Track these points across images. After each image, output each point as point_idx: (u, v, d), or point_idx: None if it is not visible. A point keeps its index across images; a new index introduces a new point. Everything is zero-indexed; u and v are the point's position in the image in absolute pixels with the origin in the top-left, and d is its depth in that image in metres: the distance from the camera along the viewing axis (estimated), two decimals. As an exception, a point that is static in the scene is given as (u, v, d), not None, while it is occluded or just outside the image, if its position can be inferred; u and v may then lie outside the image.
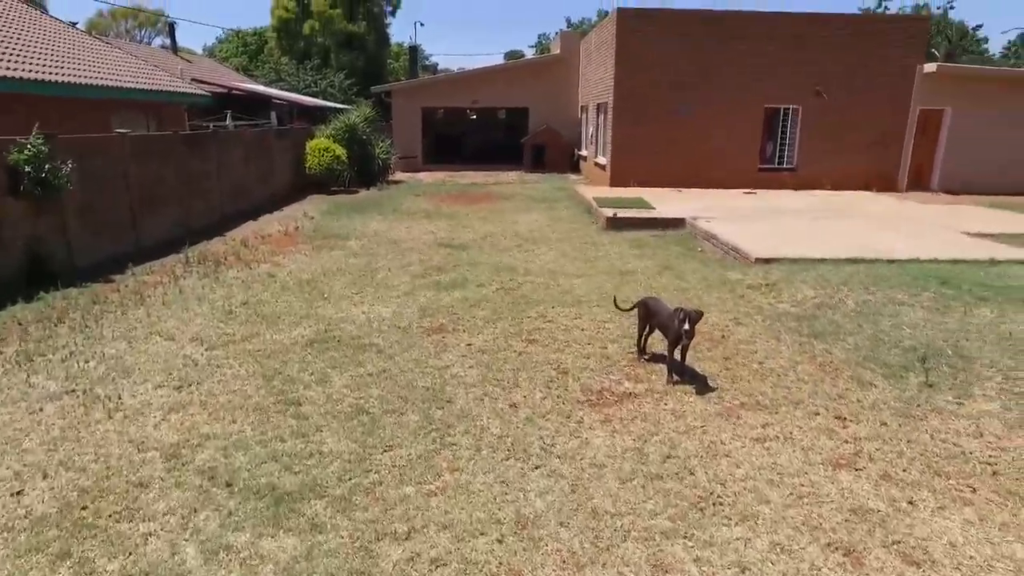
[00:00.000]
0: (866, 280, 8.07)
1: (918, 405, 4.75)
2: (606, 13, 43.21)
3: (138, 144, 10.24)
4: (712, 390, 4.97)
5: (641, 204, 14.22)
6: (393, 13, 40.39)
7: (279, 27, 37.36)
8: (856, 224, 12.37)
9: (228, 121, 18.04)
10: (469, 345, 5.89)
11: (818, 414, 4.59)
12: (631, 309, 5.83)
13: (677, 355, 5.11)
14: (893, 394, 4.94)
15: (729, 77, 17.42)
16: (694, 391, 4.93)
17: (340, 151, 18.64)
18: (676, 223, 12.48)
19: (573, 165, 24.20)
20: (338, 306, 7.12)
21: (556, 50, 25.42)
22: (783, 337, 6.17)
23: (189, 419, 4.40)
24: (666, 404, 4.72)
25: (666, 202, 14.76)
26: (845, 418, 4.52)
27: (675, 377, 5.10)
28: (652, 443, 4.13)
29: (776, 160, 18.30)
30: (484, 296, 7.57)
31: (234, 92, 22.40)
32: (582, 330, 6.37)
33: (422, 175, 23.53)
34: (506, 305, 7.19)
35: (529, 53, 53.30)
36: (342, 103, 28.95)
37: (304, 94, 29.94)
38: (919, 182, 18.77)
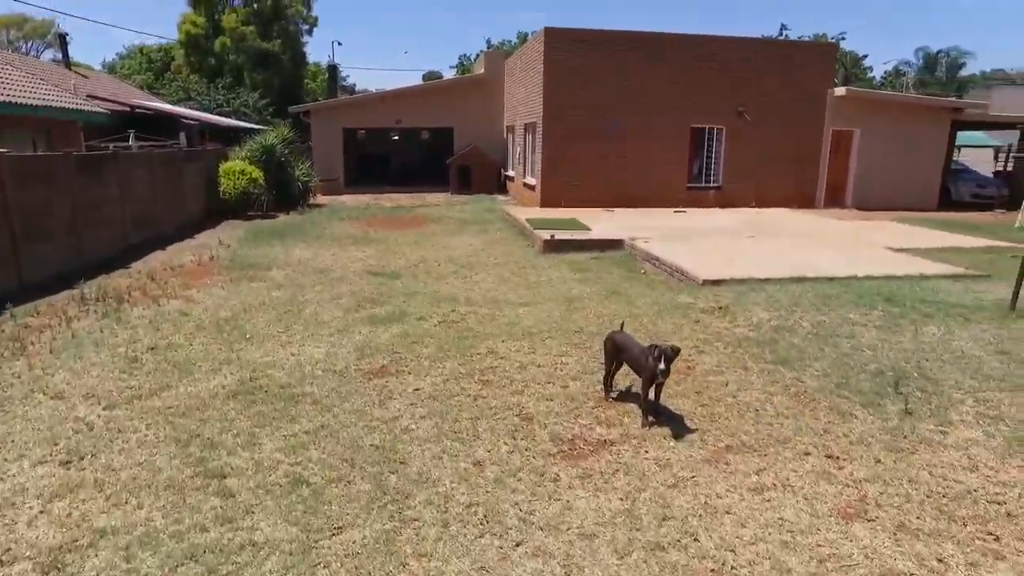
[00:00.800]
0: (815, 300, 7.97)
1: (904, 436, 4.49)
2: (526, 35, 43.50)
3: (18, 165, 9.00)
4: (692, 431, 4.54)
5: (575, 225, 13.95)
6: (310, 32, 39.29)
7: (187, 43, 35.48)
8: (787, 242, 12.51)
9: (131, 142, 16.63)
10: (417, 390, 5.25)
11: (808, 453, 4.24)
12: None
13: (651, 394, 4.67)
14: (876, 425, 4.67)
15: (656, 98, 17.55)
16: (674, 434, 4.49)
17: (257, 174, 17.54)
18: (614, 244, 12.24)
19: (500, 186, 23.87)
20: (263, 347, 6.31)
21: (480, 70, 25.16)
22: (750, 366, 5.86)
23: (79, 508, 3.54)
24: (647, 452, 4.25)
25: (600, 222, 14.56)
26: (837, 457, 4.19)
27: (651, 418, 4.65)
28: (642, 502, 3.64)
29: (703, 179, 18.55)
30: (426, 331, 6.93)
31: (138, 111, 20.83)
32: (539, 366, 5.85)
33: (345, 198, 22.58)
34: (451, 340, 6.59)
35: (450, 74, 53.05)
36: (257, 123, 27.61)
37: (216, 114, 28.38)
38: (834, 199, 19.50)
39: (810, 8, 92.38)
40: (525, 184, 19.83)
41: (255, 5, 35.64)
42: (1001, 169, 22.73)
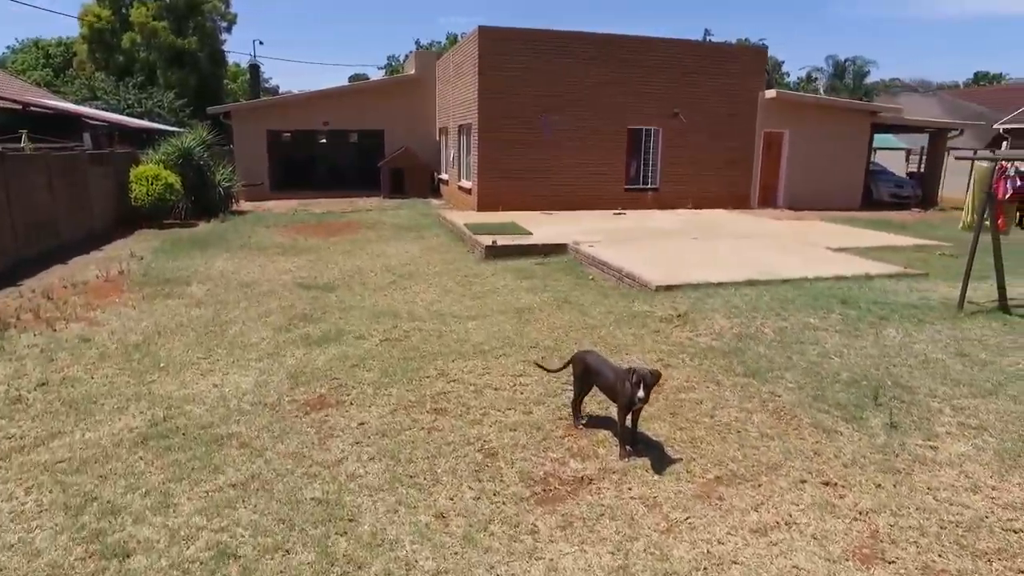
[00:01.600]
0: (773, 305, 7.76)
1: (896, 455, 4.20)
2: (456, 37, 43.02)
3: None
4: (675, 460, 4.11)
5: (516, 229, 13.48)
6: (228, 29, 37.33)
7: (91, 38, 33.03)
8: (731, 243, 12.42)
9: (23, 143, 15.05)
10: (362, 424, 4.61)
11: (804, 481, 3.87)
12: (563, 368, 4.87)
13: (628, 421, 4.21)
14: (864, 442, 4.36)
15: (593, 98, 17.33)
16: (656, 465, 4.04)
17: (173, 179, 16.26)
18: (558, 248, 11.83)
19: (434, 189, 23.20)
20: (180, 378, 5.51)
21: (411, 71, 24.41)
22: (721, 380, 5.51)
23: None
24: (631, 488, 3.78)
25: (540, 226, 14.15)
26: (836, 484, 3.83)
27: (628, 448, 4.19)
28: (638, 556, 3.15)
29: (641, 180, 18.46)
30: (367, 351, 6.27)
31: (32, 109, 19.01)
32: (496, 389, 5.30)
33: (271, 204, 21.39)
34: (396, 362, 5.95)
35: (378, 76, 51.75)
36: (174, 126, 25.89)
37: (127, 115, 26.46)
38: (766, 199, 19.83)
39: (724, 15, 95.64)
40: (460, 187, 19.25)
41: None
42: (914, 170, 23.77)
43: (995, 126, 26.38)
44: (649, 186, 18.50)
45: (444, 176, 22.53)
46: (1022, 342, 6.61)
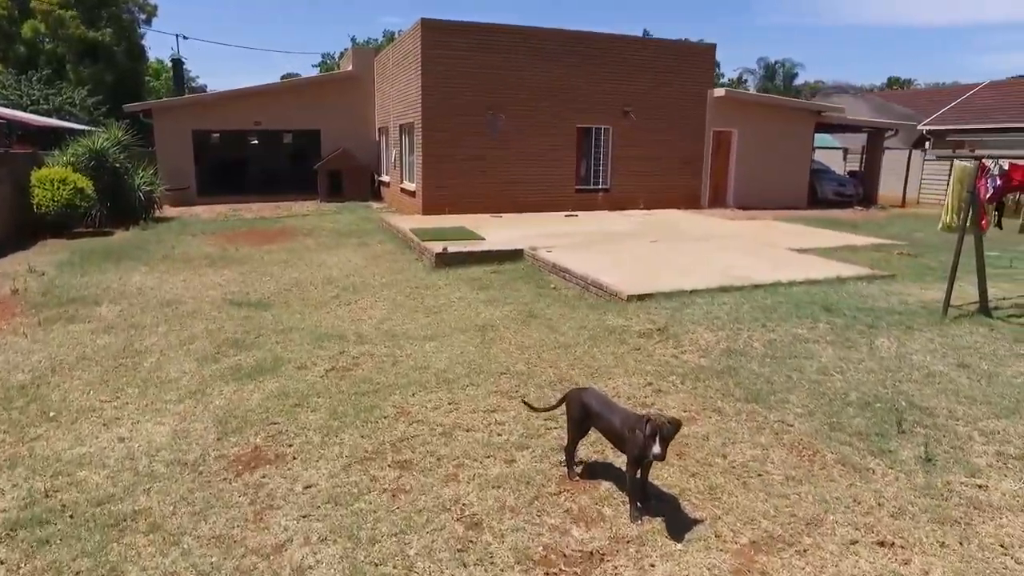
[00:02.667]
0: (754, 314, 7.21)
1: (945, 498, 3.62)
2: (393, 35, 41.75)
3: None
4: (698, 521, 3.40)
5: (466, 234, 12.66)
6: (148, 22, 34.89)
7: (-15, 26, 30.27)
8: (693, 246, 11.95)
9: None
10: (309, 488, 3.71)
11: (856, 542, 3.22)
12: (556, 407, 4.10)
13: (638, 473, 3.48)
14: (903, 483, 3.77)
15: (541, 96, 16.66)
16: (676, 529, 3.32)
17: (84, 183, 14.69)
18: (513, 255, 11.07)
19: (374, 192, 22.09)
20: (75, 431, 4.47)
21: (347, 67, 23.22)
22: (722, 407, 4.86)
23: None
24: (653, 565, 3.04)
25: (491, 230, 13.36)
26: (893, 543, 3.20)
27: (639, 506, 3.46)
28: (685, 676, 2.41)
29: (591, 181, 17.92)
30: (311, 386, 5.35)
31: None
32: (467, 431, 4.49)
33: (199, 209, 19.85)
34: (346, 398, 5.06)
35: (313, 74, 49.77)
36: (87, 125, 23.84)
37: (31, 112, 24.22)
38: (717, 199, 19.63)
39: (658, 16, 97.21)
40: (403, 190, 18.27)
41: (76, -13, 31.09)
42: (855, 169, 24.16)
43: (919, 127, 27.21)
44: (600, 187, 17.97)
45: (385, 178, 21.46)
46: (1017, 350, 6.25)
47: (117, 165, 16.37)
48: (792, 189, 20.44)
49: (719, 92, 18.65)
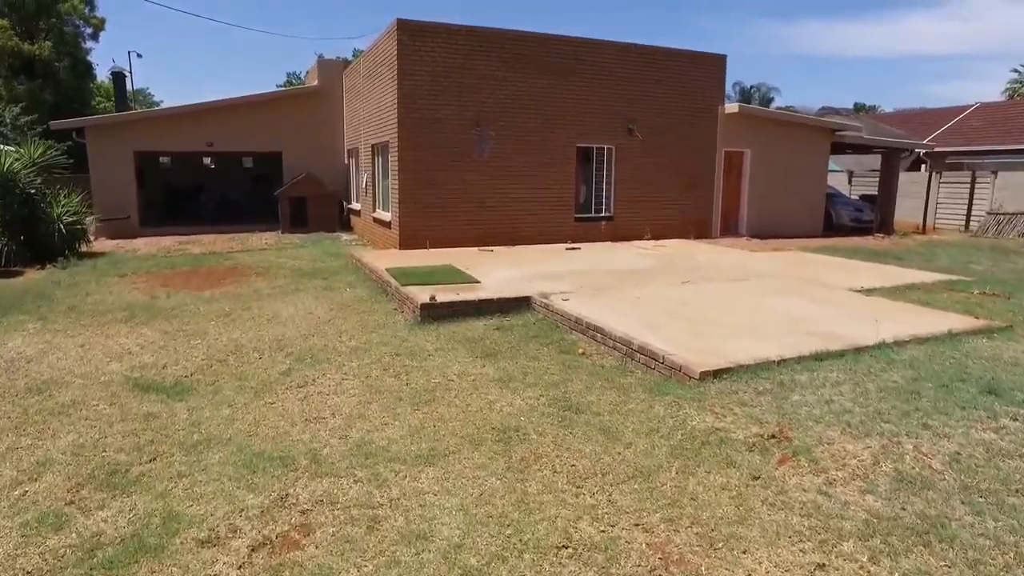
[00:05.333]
0: (891, 399, 4.98)
1: None
2: (358, 54, 39.69)
3: None
4: None
5: (455, 275, 10.33)
6: (95, 37, 32.09)
7: None
8: (733, 288, 9.76)
9: None
10: None
11: None
12: None
13: None
14: None
15: (537, 110, 14.50)
16: None
17: (-17, 213, 12.09)
18: (519, 304, 8.75)
19: (343, 222, 19.65)
20: None
21: (314, 82, 20.88)
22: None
23: None
24: None
25: (484, 269, 11.06)
26: None
27: None
28: None
29: (593, 208, 15.74)
30: (218, 592, 2.93)
31: None
32: None
33: (140, 242, 17.22)
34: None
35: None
36: (14, 145, 21.07)
37: (-50, 133, 21.43)
38: (728, 227, 17.65)
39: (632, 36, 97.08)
40: (376, 220, 15.88)
41: (9, -5, 28.35)
42: (868, 194, 22.47)
43: (937, 148, 25.86)
44: (603, 215, 15.80)
45: (355, 206, 19.05)
46: None
47: (32, 191, 13.74)
48: (807, 215, 18.58)
49: (731, 108, 16.73)
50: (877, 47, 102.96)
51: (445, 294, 8.65)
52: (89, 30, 31.56)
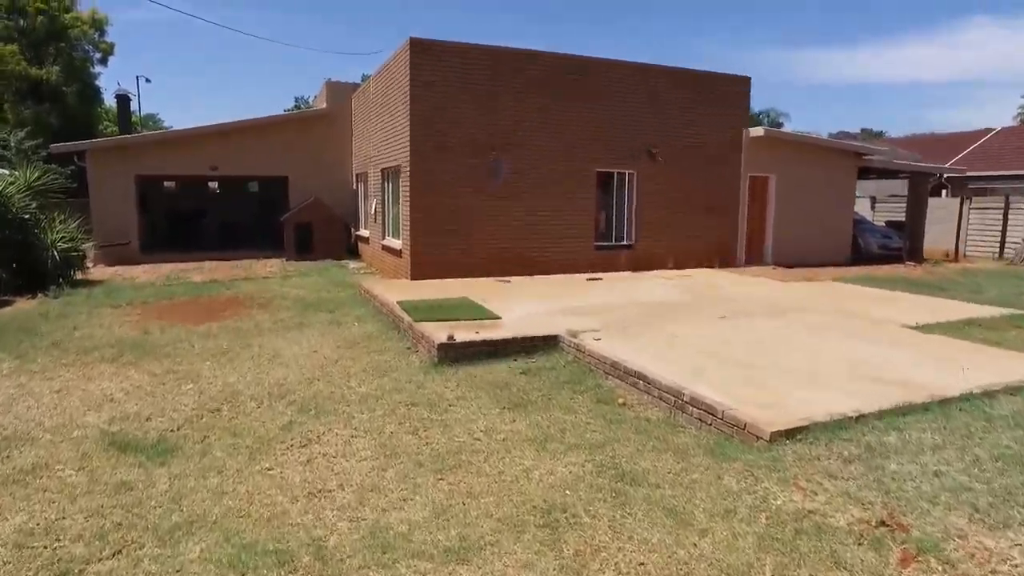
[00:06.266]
0: (1018, 474, 4.11)
1: None
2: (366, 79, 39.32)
3: None
4: None
5: (473, 309, 9.54)
6: (104, 62, 31.85)
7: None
8: (774, 324, 8.92)
9: None
10: None
11: None
12: None
13: None
14: None
15: (555, 134, 13.82)
16: None
17: (-30, 240, 11.41)
18: (546, 343, 7.93)
19: (350, 248, 18.96)
20: None
21: (322, 105, 20.35)
22: None
23: None
24: None
25: (503, 302, 10.26)
26: None
27: None
28: None
29: (613, 236, 14.97)
30: None
31: None
32: None
33: (139, 269, 16.52)
34: None
35: (285, 120, 46.91)
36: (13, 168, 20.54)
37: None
38: (753, 255, 16.84)
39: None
40: (386, 247, 15.15)
41: (21, 21, 28.03)
42: (894, 220, 21.67)
43: (959, 172, 25.05)
44: (623, 243, 15.02)
45: (363, 232, 18.36)
46: None
47: (26, 216, 13.09)
48: (834, 243, 17.79)
49: (756, 132, 16.03)
50: (876, 75, 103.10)
51: (464, 332, 7.85)
52: (98, 55, 31.35)
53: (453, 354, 7.38)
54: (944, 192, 27.21)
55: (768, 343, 7.74)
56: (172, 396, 6.35)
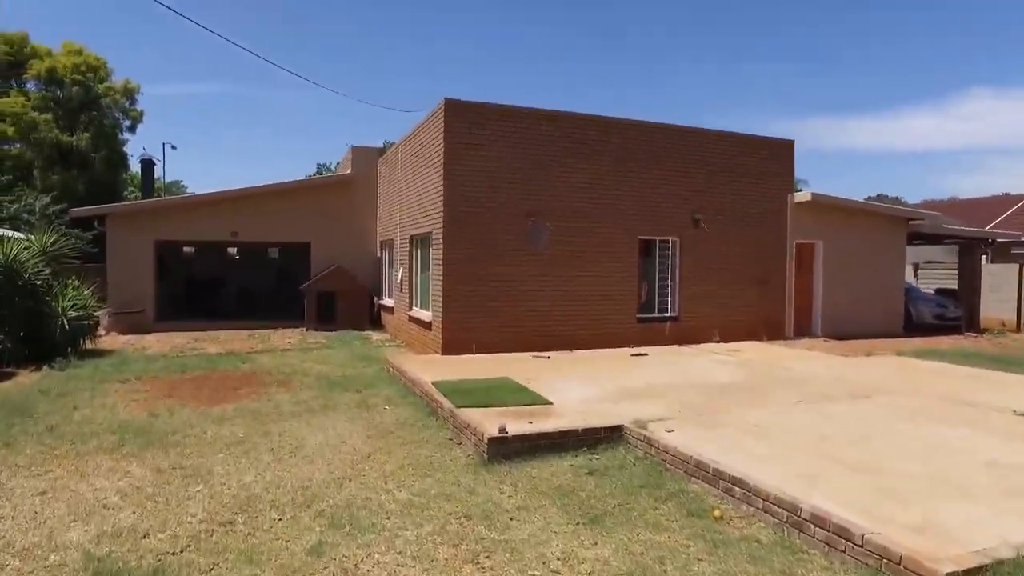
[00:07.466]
0: None
1: None
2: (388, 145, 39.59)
3: None
4: None
5: (518, 393, 8.50)
6: (132, 129, 32.17)
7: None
8: (866, 413, 7.77)
9: None
10: None
11: None
12: None
13: None
14: None
15: (595, 199, 13.09)
16: None
17: (-23, 308, 10.68)
18: (609, 435, 6.86)
19: (373, 318, 18.11)
20: None
21: (346, 171, 19.95)
22: None
23: None
24: None
25: (549, 383, 9.23)
26: None
27: None
28: None
29: (655, 307, 14.00)
30: None
31: None
32: None
33: (152, 338, 15.75)
34: None
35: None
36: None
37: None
38: (801, 326, 15.77)
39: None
40: (414, 318, 14.25)
41: (58, 92, 28.42)
42: (945, 288, 20.57)
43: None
44: (667, 315, 14.03)
45: (388, 302, 17.54)
46: None
47: (38, 283, 12.39)
48: (885, 312, 16.71)
49: (803, 196, 15.23)
50: (887, 143, 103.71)
51: (514, 422, 6.81)
52: (127, 122, 31.70)
53: (505, 449, 6.32)
54: (984, 258, 26.20)
55: (871, 437, 6.61)
56: (176, 502, 5.31)
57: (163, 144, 53.73)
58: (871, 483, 5.17)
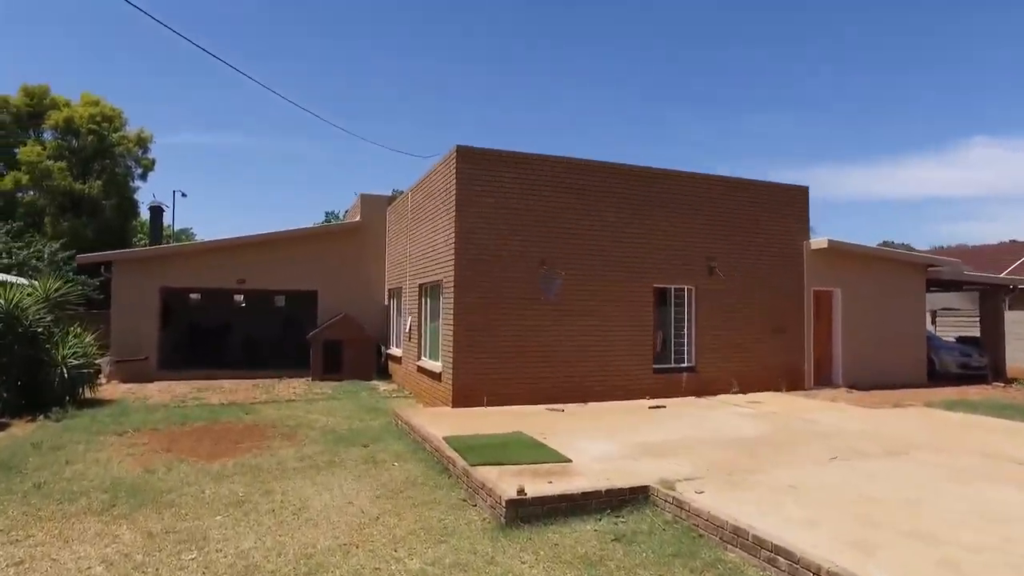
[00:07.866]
0: None
1: None
2: (397, 193, 39.81)
3: None
4: None
5: (535, 449, 8.04)
6: (143, 177, 32.41)
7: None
8: (905, 471, 7.26)
9: None
10: None
11: None
12: None
13: None
14: None
15: (609, 247, 12.80)
16: None
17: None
18: (634, 496, 6.37)
19: (380, 368, 17.69)
20: None
21: (355, 219, 19.84)
22: None
23: None
24: None
25: (565, 437, 8.76)
26: None
27: None
28: None
29: (671, 358, 13.55)
30: None
31: None
32: None
33: (154, 387, 15.37)
34: None
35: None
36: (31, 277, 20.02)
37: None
38: (821, 376, 15.24)
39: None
40: (422, 369, 13.83)
41: (74, 141, 28.78)
42: (967, 335, 20.07)
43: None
44: (683, 365, 13.57)
45: (395, 351, 17.15)
46: None
47: (39, 330, 12.10)
48: (907, 361, 16.19)
49: (819, 243, 14.92)
50: (889, 191, 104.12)
51: (532, 481, 6.35)
52: (139, 170, 31.98)
53: (524, 512, 5.86)
54: (1004, 304, 25.73)
55: (923, 500, 6.11)
56: (168, 572, 4.86)
57: (173, 191, 54.17)
58: (930, 555, 4.68)
